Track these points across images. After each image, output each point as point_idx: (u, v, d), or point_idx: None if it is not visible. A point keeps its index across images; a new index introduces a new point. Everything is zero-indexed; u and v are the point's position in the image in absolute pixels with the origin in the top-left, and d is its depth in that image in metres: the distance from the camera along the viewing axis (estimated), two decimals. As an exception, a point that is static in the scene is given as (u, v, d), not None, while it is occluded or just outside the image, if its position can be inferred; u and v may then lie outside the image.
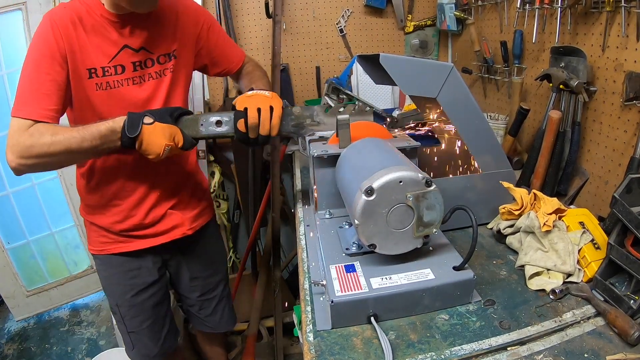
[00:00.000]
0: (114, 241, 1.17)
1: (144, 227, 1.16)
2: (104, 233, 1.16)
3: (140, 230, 1.16)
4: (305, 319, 0.78)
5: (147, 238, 1.18)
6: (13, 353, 2.13)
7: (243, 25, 2.11)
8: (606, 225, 0.91)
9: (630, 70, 1.01)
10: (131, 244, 1.17)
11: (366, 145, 0.96)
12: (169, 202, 1.17)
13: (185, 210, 1.21)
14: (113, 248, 1.17)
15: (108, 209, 1.13)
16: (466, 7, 1.85)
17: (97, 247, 1.18)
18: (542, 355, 0.67)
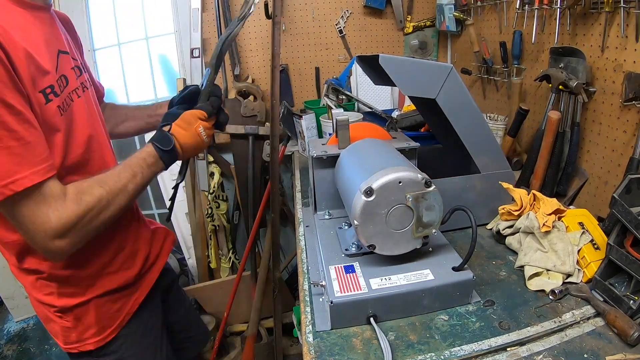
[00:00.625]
0: (129, 295, 0.96)
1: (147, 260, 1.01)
2: (117, 296, 0.93)
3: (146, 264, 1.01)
4: (305, 320, 0.78)
5: (151, 270, 1.04)
6: (12, 354, 2.13)
7: (243, 26, 2.11)
8: (606, 225, 0.91)
9: (629, 71, 1.01)
10: (143, 284, 1.00)
11: (365, 146, 0.96)
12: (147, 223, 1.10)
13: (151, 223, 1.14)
14: (131, 306, 0.96)
15: (113, 263, 0.92)
16: (465, 8, 1.85)
17: (112, 323, 0.92)
18: (542, 355, 0.67)
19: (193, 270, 2.32)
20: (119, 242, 0.93)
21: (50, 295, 0.84)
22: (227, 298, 2.12)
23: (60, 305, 0.85)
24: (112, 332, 0.93)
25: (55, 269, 0.82)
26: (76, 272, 0.85)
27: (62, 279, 0.84)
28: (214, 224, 2.20)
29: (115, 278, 0.92)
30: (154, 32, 2.18)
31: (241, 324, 2.27)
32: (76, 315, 0.87)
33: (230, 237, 2.30)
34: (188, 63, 2.07)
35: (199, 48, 2.01)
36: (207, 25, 2.06)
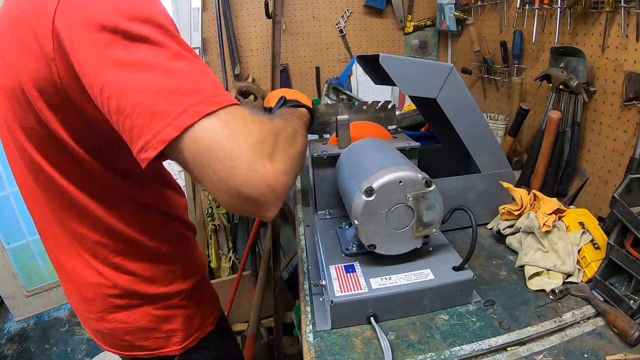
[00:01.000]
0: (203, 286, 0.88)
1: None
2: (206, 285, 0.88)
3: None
4: (305, 320, 0.78)
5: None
6: (13, 353, 2.14)
7: (243, 26, 2.11)
8: (606, 225, 0.91)
9: (629, 71, 1.01)
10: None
11: (366, 145, 0.96)
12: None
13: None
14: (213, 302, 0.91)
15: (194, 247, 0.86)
16: (466, 8, 1.85)
17: (216, 299, 0.90)
18: (542, 355, 0.67)
19: (193, 269, 2.32)
20: (186, 214, 0.88)
21: (176, 280, 0.78)
22: (228, 297, 2.12)
23: (187, 287, 0.79)
24: (219, 306, 0.91)
25: (177, 246, 0.79)
26: (192, 249, 0.84)
27: (185, 258, 0.80)
28: (214, 224, 2.20)
29: (201, 255, 0.91)
30: (155, 32, 2.18)
31: (241, 324, 2.27)
32: (200, 295, 0.83)
33: (230, 237, 2.30)
34: (188, 62, 2.07)
35: (199, 48, 2.01)
36: (208, 25, 2.06)
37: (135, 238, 0.72)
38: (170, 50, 0.48)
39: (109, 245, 0.71)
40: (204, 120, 0.45)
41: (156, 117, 0.45)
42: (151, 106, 0.45)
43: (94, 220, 0.69)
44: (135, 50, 0.47)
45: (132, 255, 0.73)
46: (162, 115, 0.45)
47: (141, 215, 0.73)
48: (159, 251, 0.75)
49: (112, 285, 0.73)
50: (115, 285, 0.73)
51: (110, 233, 0.71)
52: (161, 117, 0.45)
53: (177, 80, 0.47)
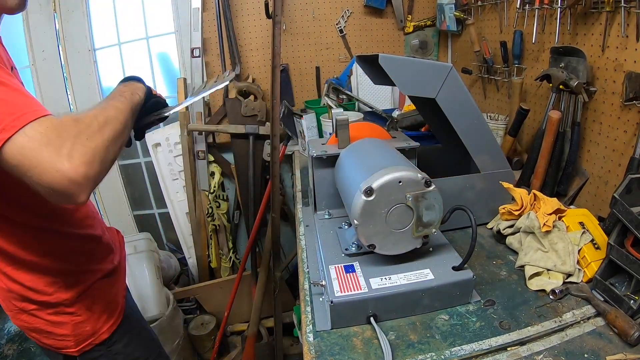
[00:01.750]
0: (117, 281, 0.98)
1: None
2: (111, 280, 0.96)
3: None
4: (305, 320, 0.78)
5: (121, 261, 1.04)
6: (13, 353, 2.13)
7: (243, 26, 2.11)
8: (606, 225, 0.91)
9: (630, 71, 1.01)
10: (122, 273, 1.03)
11: (365, 145, 0.96)
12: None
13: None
14: (122, 289, 1.00)
15: (97, 252, 0.94)
16: (466, 8, 1.85)
17: (116, 306, 0.96)
18: (542, 355, 0.67)
19: (193, 269, 2.32)
20: (95, 233, 0.94)
21: (58, 291, 0.84)
22: (228, 298, 2.12)
23: (69, 296, 0.85)
24: (119, 315, 0.95)
25: (56, 260, 0.83)
26: (75, 261, 0.87)
27: (65, 270, 0.85)
28: (215, 224, 2.20)
29: (102, 265, 0.94)
30: (155, 32, 2.18)
31: (242, 324, 2.27)
32: (87, 303, 0.88)
33: (230, 237, 2.30)
34: (188, 62, 2.07)
35: (200, 47, 2.01)
36: (208, 25, 2.06)
37: (14, 253, 0.78)
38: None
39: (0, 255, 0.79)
40: (12, 140, 0.56)
41: None
42: None
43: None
44: None
45: (16, 267, 0.80)
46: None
47: (21, 232, 0.78)
48: (39, 264, 0.81)
49: (9, 290, 0.82)
50: (11, 290, 0.82)
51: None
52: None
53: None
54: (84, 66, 2.12)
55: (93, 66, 2.14)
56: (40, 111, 0.60)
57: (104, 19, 2.12)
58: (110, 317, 0.93)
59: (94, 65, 2.14)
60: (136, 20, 2.15)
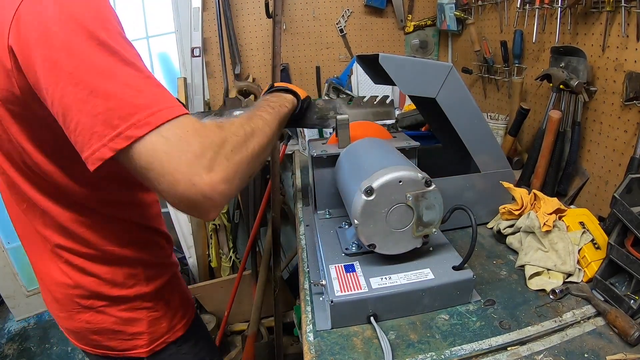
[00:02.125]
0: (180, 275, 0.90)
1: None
2: (179, 272, 0.89)
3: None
4: (305, 319, 0.78)
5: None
6: (13, 353, 2.14)
7: (243, 25, 2.11)
8: (606, 225, 0.91)
9: (630, 70, 1.01)
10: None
11: (365, 145, 0.96)
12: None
13: None
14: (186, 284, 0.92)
15: (162, 242, 0.87)
16: (466, 7, 1.85)
17: (189, 301, 0.90)
18: (542, 355, 0.67)
19: (193, 269, 2.32)
20: (164, 230, 0.90)
21: (138, 283, 0.78)
22: (228, 297, 2.12)
23: (150, 288, 0.79)
24: (192, 311, 0.90)
25: (139, 251, 0.78)
26: (155, 253, 0.82)
27: (147, 261, 0.79)
28: (215, 223, 2.20)
29: (174, 260, 0.90)
30: (155, 31, 2.18)
31: (242, 323, 2.27)
32: (166, 297, 0.83)
33: (230, 236, 2.30)
34: (189, 62, 2.07)
35: (200, 47, 2.01)
36: (208, 25, 2.06)
37: (96, 242, 0.73)
38: (117, 59, 0.51)
39: (71, 248, 0.72)
40: (145, 139, 0.49)
41: (94, 137, 0.50)
42: (90, 127, 0.50)
43: (56, 223, 0.70)
44: (80, 65, 0.50)
45: (94, 258, 0.74)
46: (99, 136, 0.50)
47: (103, 222, 0.73)
48: (120, 255, 0.76)
49: (76, 286, 0.75)
50: (79, 286, 0.74)
51: (72, 236, 0.71)
52: (98, 138, 0.50)
53: (118, 98, 0.50)
54: (84, 66, 2.11)
55: (93, 66, 2.13)
56: (178, 108, 0.53)
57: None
58: (186, 312, 0.88)
59: (94, 65, 2.14)
60: (136, 20, 2.15)
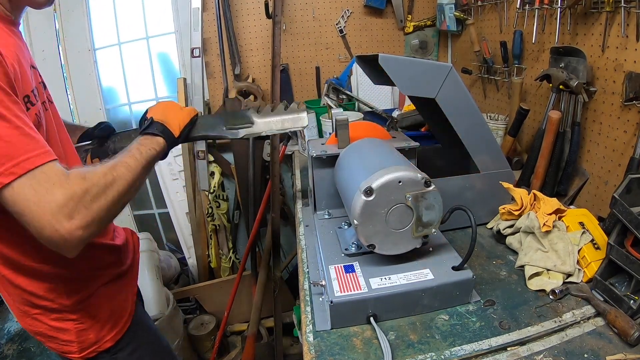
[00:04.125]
0: (127, 284, 0.96)
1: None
2: (119, 284, 0.94)
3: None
4: (305, 320, 0.78)
5: (134, 263, 1.03)
6: (13, 353, 2.13)
7: (243, 26, 2.11)
8: (606, 225, 0.91)
9: (630, 71, 1.01)
10: (133, 275, 1.01)
11: (365, 145, 0.96)
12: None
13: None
14: (132, 294, 0.98)
15: (107, 256, 0.92)
16: (466, 8, 1.85)
17: (124, 313, 0.93)
18: (542, 355, 0.67)
19: (193, 269, 2.32)
20: (103, 241, 0.92)
21: (59, 297, 0.82)
22: (228, 297, 2.12)
23: (71, 302, 0.83)
24: (126, 322, 0.93)
25: (56, 266, 0.81)
26: (77, 268, 0.84)
27: (66, 277, 0.83)
28: (215, 224, 2.20)
29: (108, 270, 0.92)
30: (155, 32, 2.18)
31: (241, 324, 2.27)
32: (91, 311, 0.86)
33: (230, 237, 2.30)
34: (188, 62, 2.07)
35: (200, 47, 2.01)
36: (208, 25, 2.06)
37: (12, 258, 0.76)
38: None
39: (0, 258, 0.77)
40: (13, 186, 0.57)
41: None
42: None
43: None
44: None
45: (15, 271, 0.78)
46: None
47: (22, 240, 0.76)
48: (38, 270, 0.79)
49: (11, 294, 0.81)
50: (12, 294, 0.81)
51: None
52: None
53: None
54: (84, 66, 2.11)
55: (93, 66, 2.14)
56: (44, 155, 0.60)
57: (104, 19, 2.12)
58: (116, 325, 0.91)
59: (94, 65, 2.14)
60: (136, 20, 2.15)
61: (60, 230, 0.59)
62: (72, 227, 0.60)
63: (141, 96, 2.27)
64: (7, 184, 0.57)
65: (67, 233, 0.59)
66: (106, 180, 0.67)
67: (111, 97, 2.25)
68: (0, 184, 0.57)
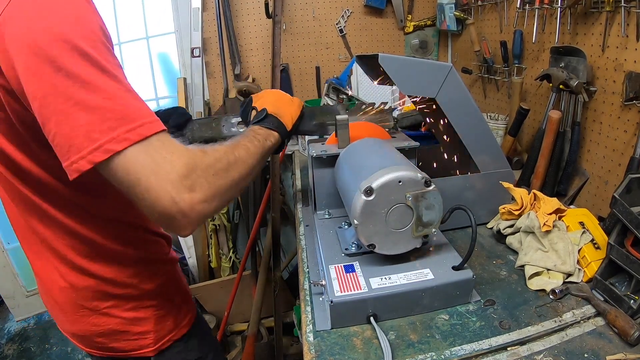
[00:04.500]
0: (179, 270, 0.91)
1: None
2: (178, 269, 0.89)
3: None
4: (305, 319, 0.78)
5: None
6: (13, 353, 2.14)
7: (243, 26, 2.11)
8: (606, 225, 0.91)
9: (630, 70, 1.01)
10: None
11: (365, 145, 0.95)
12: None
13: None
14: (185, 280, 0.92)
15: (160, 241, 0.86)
16: (466, 7, 1.85)
17: (188, 297, 0.90)
18: (542, 355, 0.67)
19: (193, 269, 2.32)
20: (159, 230, 0.89)
21: (142, 282, 0.78)
22: (228, 297, 2.12)
23: (154, 285, 0.80)
24: (194, 307, 0.91)
25: (139, 249, 0.78)
26: (152, 251, 0.82)
27: (147, 259, 0.80)
28: (215, 223, 2.20)
29: (172, 255, 0.89)
30: (155, 32, 2.18)
31: (242, 323, 2.27)
32: (169, 294, 0.83)
33: (230, 237, 2.30)
34: (188, 62, 2.07)
35: (200, 47, 2.01)
36: (208, 25, 2.06)
37: (96, 241, 0.72)
38: (98, 71, 0.52)
39: (72, 247, 0.72)
40: (126, 153, 0.51)
41: (72, 150, 0.51)
42: (68, 139, 0.51)
43: (54, 224, 0.70)
44: (60, 77, 0.50)
45: (95, 258, 0.74)
46: (77, 149, 0.51)
47: (102, 222, 0.73)
48: (120, 253, 0.76)
49: (79, 289, 0.75)
50: (82, 289, 0.74)
51: (72, 236, 0.71)
52: (76, 150, 0.51)
53: (98, 112, 0.51)
54: (84, 66, 2.11)
55: (93, 66, 2.13)
56: (156, 124, 0.54)
57: (104, 19, 2.11)
58: (189, 309, 0.88)
59: (94, 65, 2.14)
60: (136, 20, 2.15)
61: (179, 202, 0.52)
62: (194, 200, 0.54)
63: (141, 96, 2.27)
64: (119, 151, 0.50)
65: (188, 206, 0.53)
66: (229, 158, 0.63)
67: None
68: (111, 151, 0.50)
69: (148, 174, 0.51)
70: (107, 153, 0.50)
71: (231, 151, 0.65)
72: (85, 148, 0.50)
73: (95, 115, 0.50)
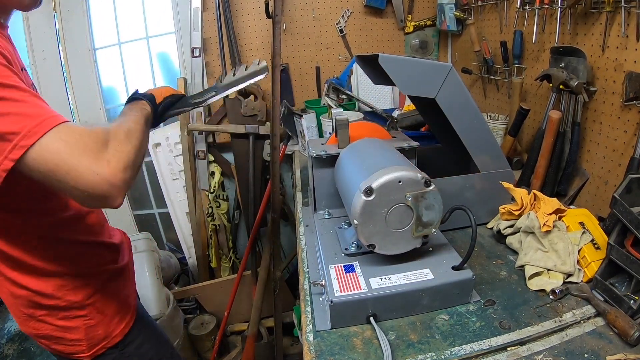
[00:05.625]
0: (127, 280, 0.98)
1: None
2: (120, 281, 0.95)
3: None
4: (305, 319, 0.78)
5: (130, 261, 1.02)
6: (13, 353, 2.13)
7: (243, 26, 2.11)
8: (606, 225, 0.91)
9: (630, 71, 1.01)
10: (130, 273, 1.02)
11: (365, 145, 0.96)
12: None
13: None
14: (133, 290, 1.00)
15: (105, 254, 0.92)
16: (466, 7, 1.85)
17: (128, 308, 0.95)
18: (542, 355, 0.67)
19: (193, 269, 2.32)
20: (102, 240, 0.93)
21: (67, 294, 0.82)
22: (228, 297, 2.12)
23: (80, 297, 0.83)
24: (132, 316, 0.94)
25: (62, 264, 0.81)
26: (81, 265, 0.85)
27: (72, 273, 0.83)
28: (215, 224, 2.20)
29: (110, 266, 0.92)
30: (155, 32, 2.18)
31: (242, 323, 2.27)
32: (99, 305, 0.87)
33: (230, 237, 2.30)
34: (188, 62, 2.07)
35: (200, 47, 2.01)
36: (208, 25, 2.06)
37: (18, 258, 0.76)
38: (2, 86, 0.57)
39: (3, 262, 0.77)
40: (41, 144, 0.56)
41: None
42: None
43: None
44: None
45: (22, 272, 0.78)
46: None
47: (27, 240, 0.77)
48: (46, 269, 0.79)
49: (15, 297, 0.80)
50: (17, 297, 0.80)
51: (1, 253, 0.76)
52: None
53: (7, 117, 0.56)
54: (84, 66, 2.11)
55: (93, 66, 2.13)
56: (60, 117, 0.60)
57: (104, 19, 2.11)
58: (123, 318, 0.92)
59: (94, 65, 2.14)
60: (136, 20, 2.15)
61: (102, 173, 0.58)
62: (114, 169, 0.59)
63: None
64: (33, 143, 0.55)
65: (111, 175, 0.59)
66: (124, 129, 0.68)
67: (111, 97, 2.25)
68: (25, 146, 0.55)
69: (65, 157, 0.57)
70: (23, 148, 0.55)
71: (122, 125, 0.70)
72: (5, 150, 0.56)
73: (7, 120, 0.56)
